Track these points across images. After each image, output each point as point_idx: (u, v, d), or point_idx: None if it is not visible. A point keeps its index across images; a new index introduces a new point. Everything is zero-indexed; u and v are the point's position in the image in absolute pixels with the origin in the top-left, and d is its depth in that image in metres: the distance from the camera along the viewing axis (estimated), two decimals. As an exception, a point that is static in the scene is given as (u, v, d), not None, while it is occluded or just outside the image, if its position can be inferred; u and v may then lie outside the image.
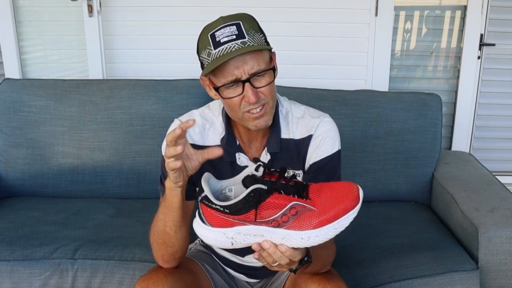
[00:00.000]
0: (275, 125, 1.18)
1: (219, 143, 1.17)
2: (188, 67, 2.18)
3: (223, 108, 1.19)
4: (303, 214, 0.89)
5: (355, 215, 0.90)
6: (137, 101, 1.95)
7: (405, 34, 2.37)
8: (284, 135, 1.19)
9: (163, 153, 1.17)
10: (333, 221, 0.89)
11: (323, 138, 1.18)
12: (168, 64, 2.26)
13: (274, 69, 1.09)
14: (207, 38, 1.04)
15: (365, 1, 2.22)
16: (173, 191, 1.02)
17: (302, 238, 0.89)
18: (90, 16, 2.16)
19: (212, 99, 1.22)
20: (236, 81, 1.04)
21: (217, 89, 1.07)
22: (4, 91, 1.96)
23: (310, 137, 1.18)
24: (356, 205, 0.90)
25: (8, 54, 2.23)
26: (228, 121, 1.18)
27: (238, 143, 1.18)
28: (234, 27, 1.03)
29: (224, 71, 1.03)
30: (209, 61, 1.03)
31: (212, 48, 1.03)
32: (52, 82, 2.03)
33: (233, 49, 1.01)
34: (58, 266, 1.50)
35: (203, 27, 1.08)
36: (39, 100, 1.95)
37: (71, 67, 2.36)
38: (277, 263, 0.94)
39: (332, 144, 1.19)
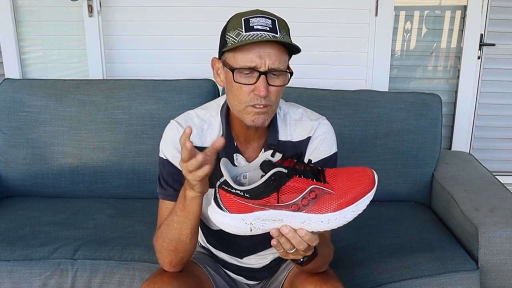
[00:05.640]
0: (272, 127, 1.18)
1: None
2: (188, 67, 2.20)
3: (221, 107, 1.19)
4: (322, 197, 0.89)
5: (371, 198, 0.91)
6: (137, 101, 1.95)
7: (405, 34, 2.37)
8: (282, 137, 1.19)
9: (161, 155, 1.17)
10: (352, 203, 0.90)
11: (321, 140, 1.18)
12: (168, 64, 2.26)
13: (291, 73, 1.09)
14: (240, 20, 1.04)
15: (365, 1, 2.22)
16: (195, 200, 1.01)
17: (322, 221, 0.89)
18: (90, 16, 2.16)
19: (209, 100, 1.22)
20: (254, 70, 1.04)
21: (233, 70, 1.05)
22: (4, 91, 1.96)
23: (308, 139, 1.19)
24: (373, 187, 0.91)
25: (8, 54, 2.23)
26: (227, 122, 1.18)
27: (235, 144, 1.18)
28: (270, 21, 1.04)
29: (247, 55, 1.03)
30: (236, 40, 1.03)
31: (244, 30, 1.03)
32: (52, 82, 2.03)
33: (265, 38, 1.01)
34: (58, 266, 1.50)
35: (232, 14, 1.08)
36: (39, 100, 1.95)
37: (71, 67, 2.36)
38: (293, 250, 0.93)
39: (330, 146, 1.19)
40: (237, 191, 0.90)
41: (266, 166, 0.91)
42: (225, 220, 0.92)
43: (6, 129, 1.95)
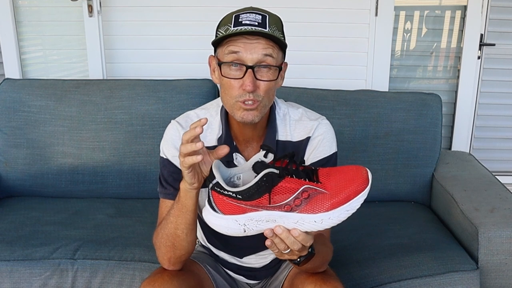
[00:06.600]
0: (271, 127, 1.18)
1: (216, 143, 1.17)
2: (188, 67, 2.20)
3: (221, 107, 1.19)
4: (315, 197, 0.89)
5: (365, 197, 0.91)
6: (137, 101, 1.95)
7: (405, 34, 2.37)
8: (282, 137, 1.19)
9: (161, 155, 1.18)
10: (345, 203, 0.89)
11: (321, 140, 1.18)
12: (168, 64, 2.26)
13: (280, 68, 1.09)
14: (231, 17, 1.06)
15: (365, 1, 2.22)
16: (188, 193, 1.02)
17: (315, 221, 0.89)
18: (90, 16, 2.16)
19: (209, 100, 1.23)
20: (241, 63, 1.04)
21: (220, 64, 1.06)
22: (4, 91, 1.96)
23: (308, 139, 1.19)
24: (366, 186, 0.91)
25: (8, 54, 2.23)
26: (227, 121, 1.18)
27: (235, 143, 1.18)
28: (260, 16, 1.05)
29: (233, 48, 1.04)
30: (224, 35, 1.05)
31: (232, 26, 1.04)
32: (52, 82, 2.03)
33: (249, 29, 1.02)
34: (58, 266, 1.50)
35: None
36: (39, 100, 1.95)
37: (71, 67, 2.36)
38: (288, 250, 0.93)
39: (329, 145, 1.19)
40: (229, 193, 0.90)
41: (258, 167, 0.91)
42: (219, 222, 0.92)
43: (6, 129, 1.95)
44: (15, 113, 1.94)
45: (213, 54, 1.13)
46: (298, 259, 0.97)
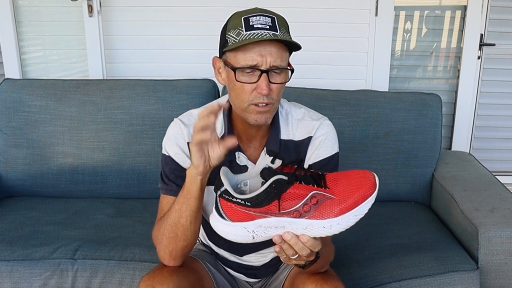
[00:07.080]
0: (275, 126, 1.18)
1: None
2: (188, 67, 2.20)
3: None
4: (323, 203, 0.90)
5: (373, 201, 0.92)
6: (137, 101, 1.95)
7: (405, 34, 2.37)
8: (284, 136, 1.20)
9: (164, 152, 1.18)
10: (354, 208, 0.90)
11: (322, 140, 1.19)
12: (168, 64, 2.26)
13: (292, 70, 1.10)
14: (240, 20, 1.06)
15: (365, 1, 2.22)
16: (193, 179, 1.03)
17: (324, 227, 0.90)
18: (90, 16, 2.16)
19: (209, 101, 1.23)
20: (255, 68, 1.05)
21: (234, 69, 1.07)
22: (4, 91, 1.96)
23: (309, 138, 1.20)
24: (374, 191, 0.91)
25: (8, 54, 2.23)
26: (230, 120, 1.18)
27: (237, 142, 1.18)
28: (269, 19, 1.06)
29: (248, 54, 1.04)
30: (236, 40, 1.04)
31: (244, 29, 1.04)
32: (52, 82, 2.03)
33: (265, 36, 1.02)
34: (58, 266, 1.50)
35: (231, 14, 1.11)
36: (39, 100, 1.95)
37: (71, 67, 2.36)
38: (296, 256, 0.94)
39: (331, 146, 1.20)
40: (238, 200, 0.90)
41: (266, 173, 0.91)
42: (227, 229, 0.93)
43: (6, 129, 1.95)
44: (15, 113, 1.94)
45: (218, 56, 1.13)
46: (304, 263, 0.98)
